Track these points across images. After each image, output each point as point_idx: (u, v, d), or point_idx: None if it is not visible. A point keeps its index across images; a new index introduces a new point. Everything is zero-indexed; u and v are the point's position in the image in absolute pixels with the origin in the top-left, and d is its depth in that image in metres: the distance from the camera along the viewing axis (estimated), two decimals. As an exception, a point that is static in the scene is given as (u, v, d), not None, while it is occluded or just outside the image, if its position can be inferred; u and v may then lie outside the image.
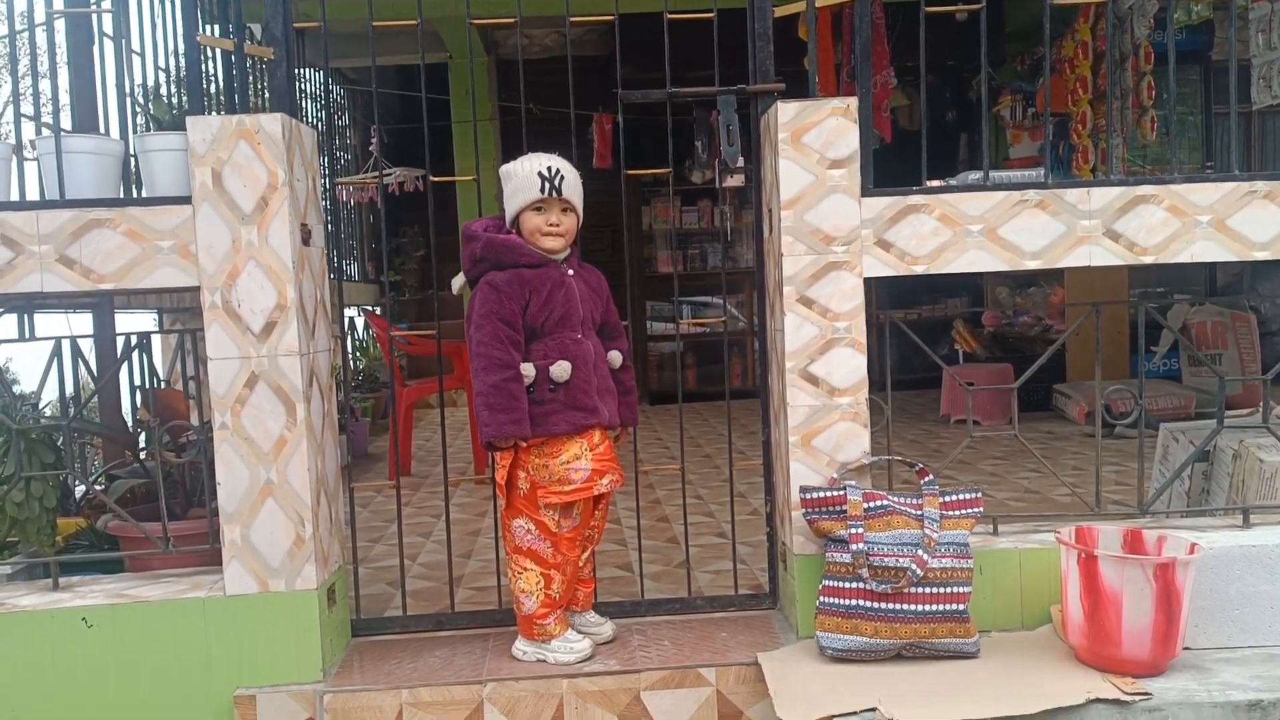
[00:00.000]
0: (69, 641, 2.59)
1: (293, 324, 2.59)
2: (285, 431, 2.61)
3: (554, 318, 2.69)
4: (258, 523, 2.62)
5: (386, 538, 4.23)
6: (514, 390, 2.64)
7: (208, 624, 2.62)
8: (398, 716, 2.60)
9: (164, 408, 3.00)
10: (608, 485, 2.73)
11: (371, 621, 3.02)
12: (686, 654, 2.75)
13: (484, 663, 2.75)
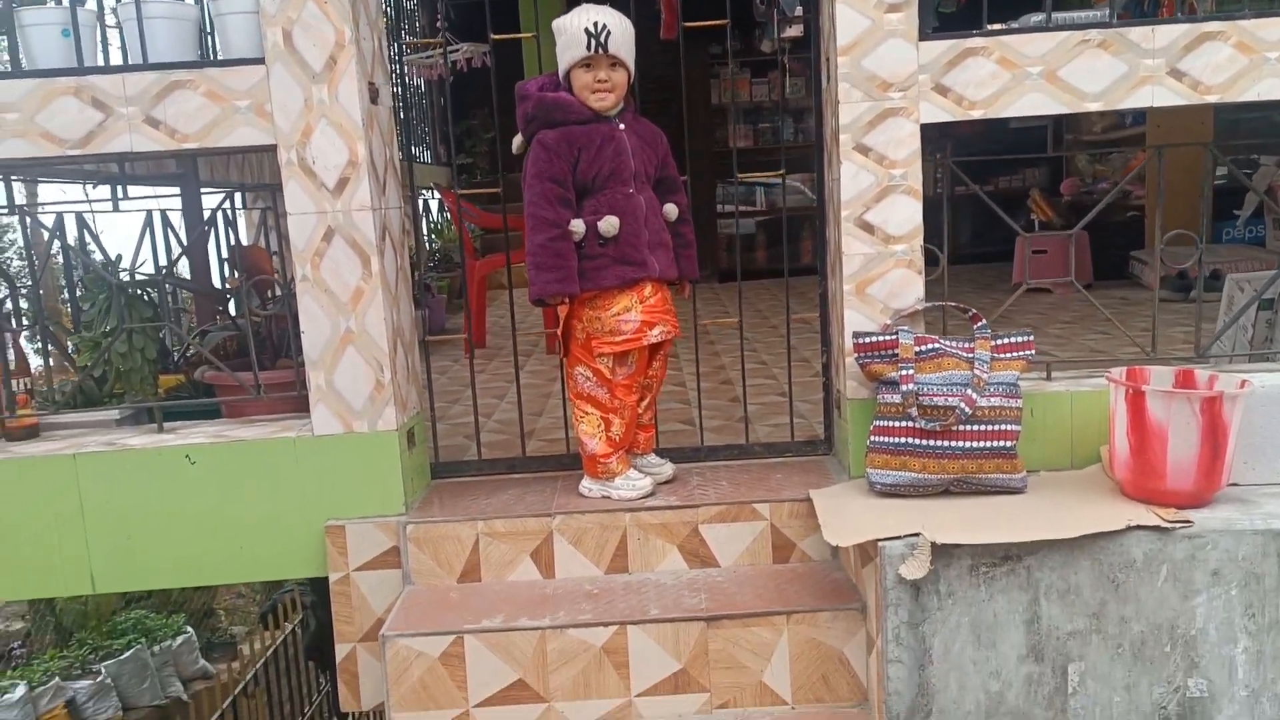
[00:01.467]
0: (175, 477, 2.84)
1: (364, 180, 2.72)
2: (361, 283, 2.77)
3: (604, 173, 2.76)
4: (340, 369, 2.80)
5: (464, 399, 4.42)
6: (561, 249, 2.75)
7: (299, 462, 2.84)
8: (474, 545, 2.81)
9: (250, 264, 3.19)
10: (658, 336, 2.84)
11: (449, 465, 3.23)
12: (742, 492, 2.89)
13: (553, 499, 2.93)
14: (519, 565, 2.82)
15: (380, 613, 2.83)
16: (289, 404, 3.07)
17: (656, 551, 2.83)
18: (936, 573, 2.35)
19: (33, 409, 2.96)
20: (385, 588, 2.84)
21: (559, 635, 2.55)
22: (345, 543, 2.83)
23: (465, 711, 2.56)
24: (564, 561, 2.82)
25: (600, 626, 2.55)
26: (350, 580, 2.85)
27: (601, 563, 2.83)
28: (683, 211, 2.98)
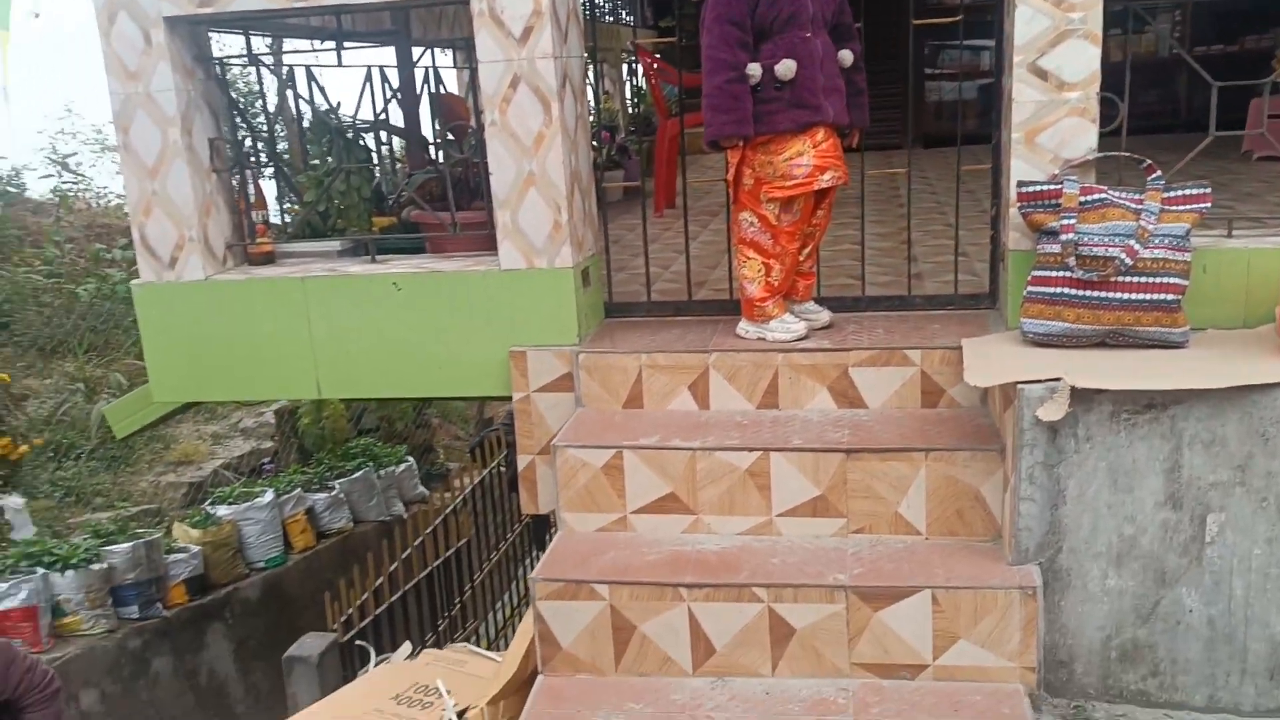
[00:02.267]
0: (384, 301, 3.23)
1: (547, 29, 2.91)
2: (543, 128, 2.99)
3: (782, 17, 2.82)
4: (523, 209, 3.07)
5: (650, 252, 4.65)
6: (737, 91, 2.84)
7: (488, 292, 3.16)
8: (638, 375, 3.06)
9: (448, 110, 3.48)
10: (829, 180, 2.92)
11: (620, 305, 3.47)
12: (896, 339, 2.98)
13: (711, 338, 3.13)
14: (677, 396, 3.05)
15: (554, 430, 3.14)
16: (481, 241, 3.38)
17: (806, 390, 2.98)
18: (1075, 417, 2.39)
19: (269, 239, 3.42)
20: (560, 408, 3.15)
21: (708, 456, 2.78)
22: (526, 367, 3.15)
23: (623, 516, 2.86)
24: (718, 395, 3.03)
25: (745, 451, 2.76)
26: (530, 400, 3.17)
27: (753, 398, 3.01)
28: (857, 59, 3.00)
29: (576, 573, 2.68)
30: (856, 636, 2.53)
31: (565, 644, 2.67)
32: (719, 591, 2.58)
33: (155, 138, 3.15)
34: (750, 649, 2.59)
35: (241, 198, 3.37)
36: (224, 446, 7.08)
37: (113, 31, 3.10)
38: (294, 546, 5.97)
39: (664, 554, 2.74)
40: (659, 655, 2.64)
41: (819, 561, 2.64)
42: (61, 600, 4.64)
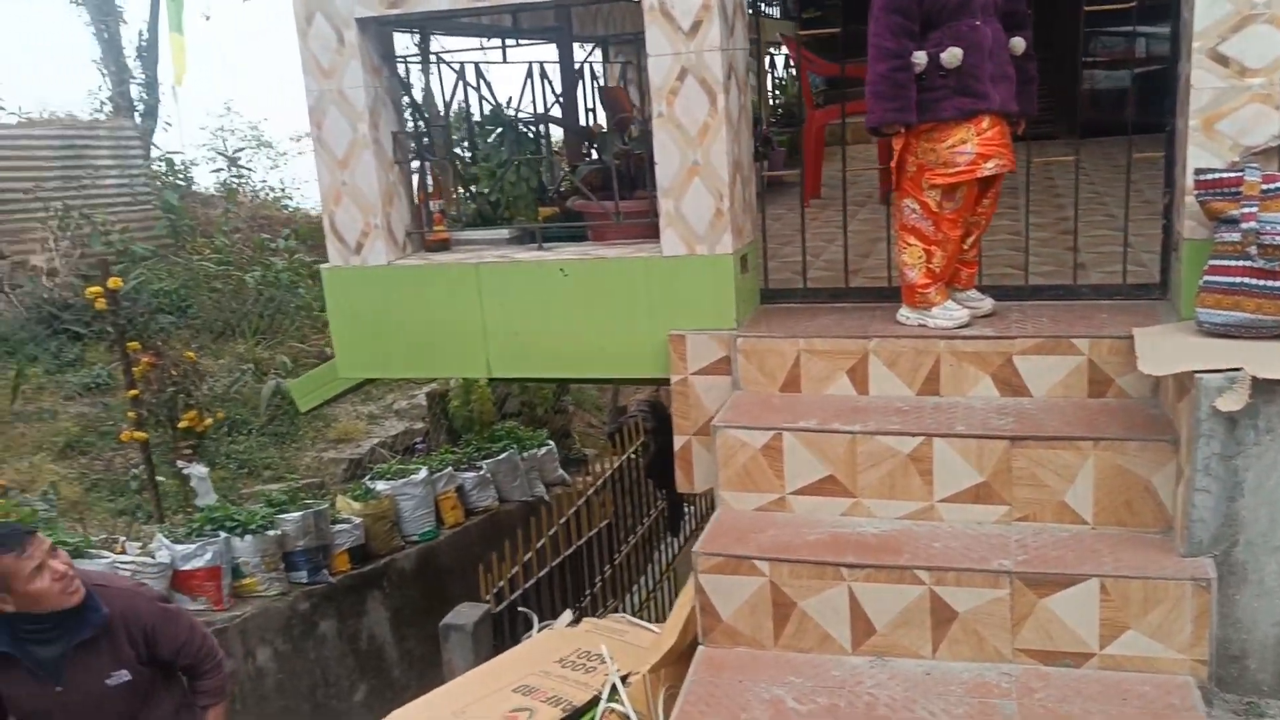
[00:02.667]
0: (551, 285, 3.38)
1: (715, 23, 3.00)
2: (708, 119, 3.09)
3: (951, 5, 2.83)
4: (687, 197, 3.17)
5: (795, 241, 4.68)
6: (900, 79, 2.87)
7: (649, 278, 3.28)
8: (795, 359, 3.12)
9: (612, 103, 3.61)
10: (992, 169, 2.92)
11: (776, 291, 3.55)
12: (1062, 328, 2.96)
13: (871, 324, 3.17)
14: (835, 381, 3.11)
15: (711, 412, 3.24)
16: (642, 229, 3.50)
17: (968, 378, 2.99)
18: (1256, 408, 2.35)
19: (445, 226, 3.62)
20: (716, 391, 3.24)
21: (869, 440, 2.83)
22: (685, 350, 3.26)
23: (781, 497, 2.94)
24: (877, 380, 3.07)
25: (908, 436, 2.80)
26: (688, 382, 3.28)
27: (913, 385, 3.04)
28: (1029, 47, 2.99)
29: (737, 548, 2.77)
30: (1020, 622, 2.54)
31: (725, 617, 2.77)
32: (880, 573, 2.63)
33: (346, 131, 3.39)
34: (910, 630, 2.63)
35: (420, 188, 3.58)
36: (379, 426, 7.47)
37: (310, 32, 3.34)
38: (445, 522, 6.25)
39: (824, 534, 2.80)
40: (818, 632, 2.71)
41: (982, 547, 2.66)
42: (240, 563, 5.00)
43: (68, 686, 2.85)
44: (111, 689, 2.90)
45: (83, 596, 2.80)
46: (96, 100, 11.40)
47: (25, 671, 2.82)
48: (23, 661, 2.81)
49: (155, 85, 11.66)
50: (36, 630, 2.80)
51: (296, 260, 9.24)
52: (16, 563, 2.69)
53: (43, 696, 2.85)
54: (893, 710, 2.48)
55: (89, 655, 2.86)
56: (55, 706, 2.86)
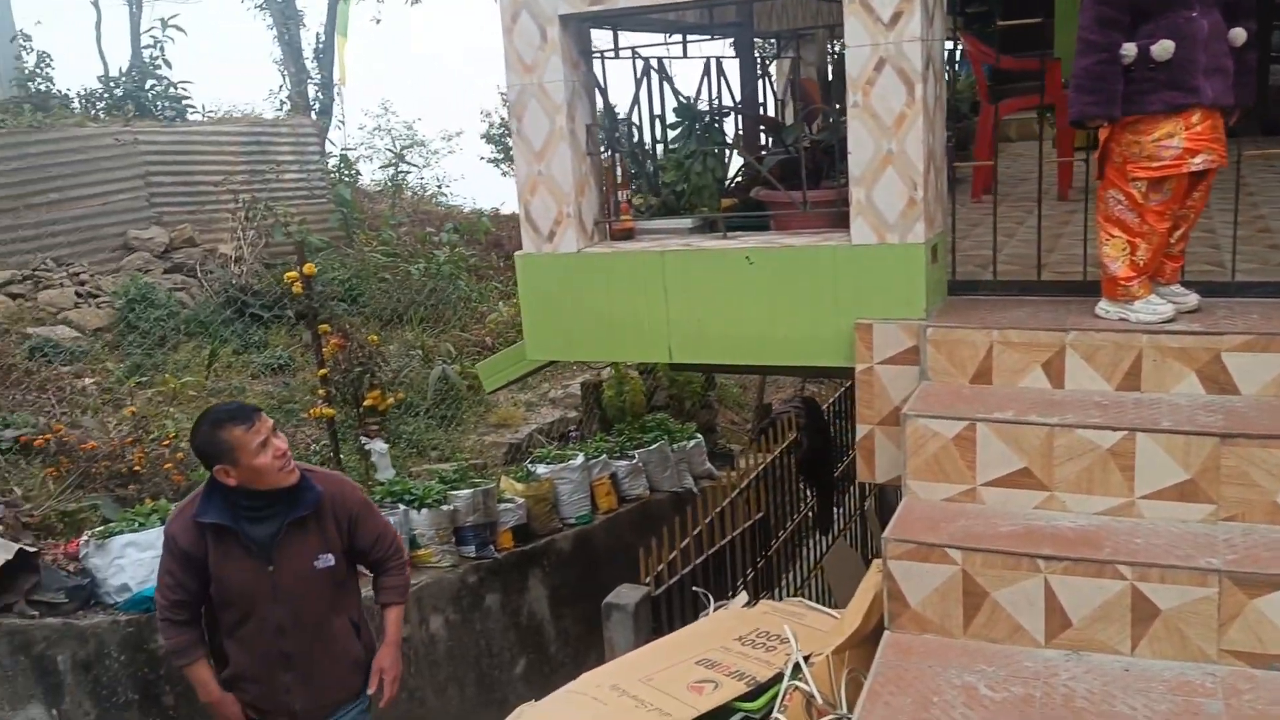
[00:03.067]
0: (737, 273, 3.46)
1: (917, 13, 3.02)
2: (905, 109, 3.11)
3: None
4: (879, 186, 3.20)
5: (971, 235, 4.64)
6: (1104, 73, 2.83)
7: (836, 267, 3.32)
8: (988, 351, 3.11)
9: (804, 95, 3.66)
10: (1200, 164, 2.84)
11: (964, 283, 3.53)
12: (1275, 325, 2.86)
13: (1066, 317, 3.13)
14: (1028, 373, 3.08)
15: (896, 402, 3.26)
16: (826, 219, 3.54)
17: (1171, 374, 2.92)
18: None
19: (631, 216, 3.75)
20: (902, 381, 3.25)
21: (1067, 433, 2.80)
22: (871, 339, 3.28)
23: (972, 488, 2.93)
24: (1074, 374, 3.02)
25: (1109, 430, 2.75)
26: (874, 372, 3.30)
27: (1112, 380, 2.99)
28: (1251, 37, 2.90)
29: (928, 536, 2.79)
30: (1228, 623, 2.48)
31: (914, 603, 2.79)
32: (1079, 566, 2.60)
33: (544, 124, 3.54)
34: (1109, 626, 2.59)
35: (609, 178, 3.72)
36: (535, 413, 7.71)
37: (514, 29, 3.51)
38: (599, 507, 6.42)
39: (1017, 526, 2.79)
40: (1010, 623, 2.69)
41: (1187, 545, 2.60)
42: (416, 534, 5.27)
43: (278, 566, 2.98)
44: (317, 572, 3.03)
45: (299, 477, 2.98)
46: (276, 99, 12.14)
47: (240, 548, 2.95)
48: (240, 536, 2.94)
49: (330, 85, 12.34)
50: (253, 508, 2.95)
51: (457, 253, 9.63)
52: (245, 435, 2.86)
53: (254, 576, 2.97)
54: (1091, 703, 2.45)
55: (300, 536, 2.99)
56: (264, 587, 2.98)
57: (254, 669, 3.06)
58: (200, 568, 2.98)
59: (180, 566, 2.98)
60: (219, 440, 2.89)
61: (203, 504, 2.97)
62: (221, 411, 2.97)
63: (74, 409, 6.43)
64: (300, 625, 3.04)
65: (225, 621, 3.05)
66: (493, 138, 15.25)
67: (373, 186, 12.77)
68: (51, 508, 4.89)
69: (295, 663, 3.06)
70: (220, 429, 2.90)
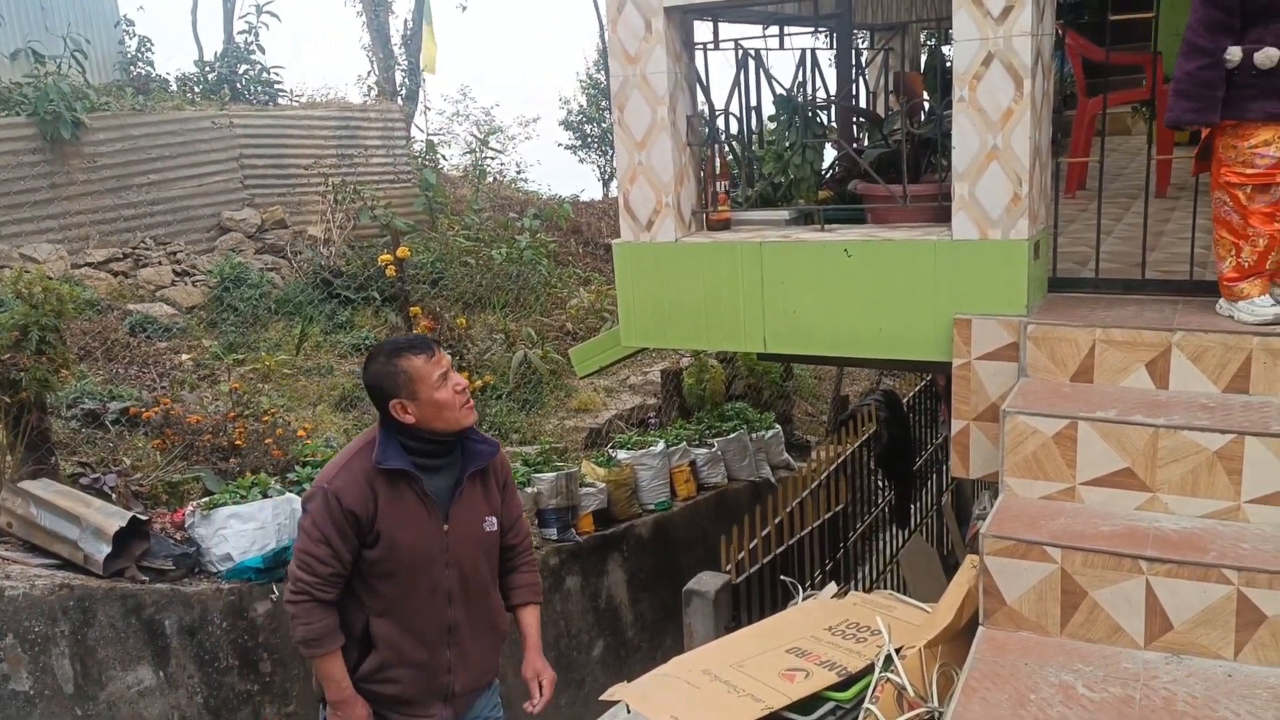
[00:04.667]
0: (835, 265, 3.47)
1: (1028, 7, 2.99)
2: (1012, 104, 3.09)
3: (1271, 2, 2.73)
4: (982, 181, 3.18)
5: (1068, 232, 4.58)
6: (1206, 78, 2.80)
7: (937, 261, 3.31)
8: (1090, 349, 3.08)
9: (908, 89, 3.65)
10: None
11: (1065, 280, 3.50)
12: (1395, 330, 2.79)
13: (1173, 317, 3.09)
14: (1132, 373, 3.05)
15: (994, 398, 3.25)
16: (925, 214, 3.54)
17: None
18: None
19: (729, 207, 3.78)
20: (1001, 377, 3.24)
21: (1172, 435, 2.77)
22: (970, 334, 3.27)
23: (1071, 487, 2.92)
24: (1179, 374, 2.99)
25: (1217, 433, 2.72)
26: (971, 367, 3.30)
27: (1220, 381, 2.94)
28: None
29: (1026, 533, 2.78)
30: (1339, 632, 2.44)
31: (1010, 600, 2.79)
32: (1183, 569, 2.58)
33: (646, 114, 3.59)
34: (1212, 630, 2.57)
35: (708, 169, 3.76)
36: (615, 399, 7.81)
37: (619, 20, 3.56)
38: (678, 494, 6.48)
39: (1119, 526, 2.77)
40: (1108, 624, 2.68)
41: (1297, 551, 2.56)
42: (501, 515, 5.39)
43: (453, 525, 2.69)
44: (486, 536, 2.75)
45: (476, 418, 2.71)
46: (364, 85, 12.39)
47: (418, 502, 2.64)
48: (420, 487, 2.63)
49: (417, 72, 12.56)
50: (430, 455, 2.66)
51: (538, 239, 9.76)
52: (426, 365, 2.59)
53: (429, 535, 2.66)
54: (1193, 707, 2.44)
55: (473, 493, 2.72)
56: (438, 549, 2.67)
57: (414, 649, 2.71)
58: (363, 531, 2.61)
59: (340, 532, 2.58)
60: (398, 370, 2.60)
61: (381, 450, 2.61)
62: (400, 341, 2.69)
63: (174, 384, 6.69)
64: (468, 594, 2.75)
65: (384, 596, 2.68)
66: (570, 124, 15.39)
67: (453, 171, 12.98)
68: (158, 479, 5.11)
69: (459, 636, 2.76)
70: (399, 358, 2.61)
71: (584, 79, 15.11)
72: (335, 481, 2.62)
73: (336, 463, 2.69)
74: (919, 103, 3.83)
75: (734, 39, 3.82)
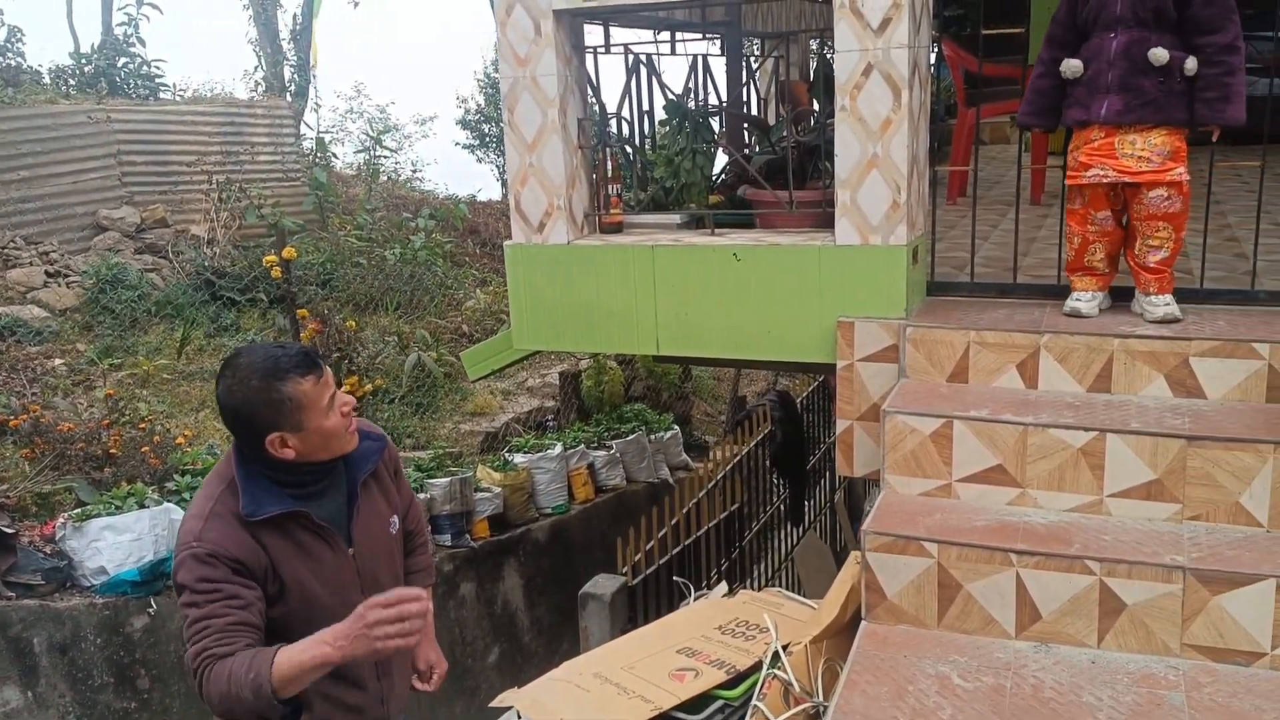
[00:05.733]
0: (724, 268, 3.52)
1: (905, 20, 3.09)
2: (891, 114, 3.18)
3: (1092, 17, 3.01)
4: (864, 189, 3.27)
5: (947, 237, 4.74)
6: (1039, 86, 3.18)
7: (821, 266, 3.39)
8: (965, 350, 3.20)
9: (792, 96, 3.73)
10: (1091, 178, 3.09)
11: (943, 284, 3.62)
12: (1241, 331, 2.98)
13: (1042, 319, 3.23)
14: (1004, 374, 3.17)
15: (875, 398, 3.34)
16: (810, 219, 3.62)
17: (1141, 377, 3.03)
18: None
19: (620, 210, 3.80)
20: (882, 378, 3.34)
21: (1040, 432, 2.89)
22: (853, 337, 3.36)
23: (948, 484, 3.02)
24: (1047, 375, 3.12)
25: (1081, 430, 2.85)
26: (854, 368, 3.39)
27: (1084, 381, 3.09)
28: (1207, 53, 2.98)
29: (905, 529, 2.87)
30: (1191, 618, 2.58)
31: (890, 595, 2.87)
32: (1050, 561, 2.70)
33: (536, 116, 3.58)
34: (1077, 619, 2.69)
35: (600, 172, 3.76)
36: (512, 402, 7.75)
37: (509, 22, 3.54)
38: (576, 497, 6.48)
39: (991, 521, 2.88)
40: (982, 615, 2.79)
41: (1153, 542, 2.70)
42: (393, 522, 5.30)
43: (358, 546, 2.30)
44: (392, 539, 2.40)
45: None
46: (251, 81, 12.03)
47: (312, 536, 2.22)
48: (311, 521, 2.21)
49: (306, 67, 12.24)
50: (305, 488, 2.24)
51: (433, 240, 9.62)
52: (314, 390, 2.13)
53: (337, 565, 2.26)
54: (1059, 694, 2.55)
55: (370, 500, 2.35)
56: (350, 575, 2.28)
57: (348, 693, 2.33)
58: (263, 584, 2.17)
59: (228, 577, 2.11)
60: (282, 399, 2.11)
61: (247, 497, 2.16)
62: (281, 358, 2.14)
63: (45, 390, 6.38)
64: None
65: None
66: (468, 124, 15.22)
67: (347, 170, 12.70)
68: (27, 489, 4.87)
69: (388, 661, 2.40)
70: (282, 382, 2.11)
71: (482, 78, 14.97)
72: (205, 535, 2.13)
73: (195, 516, 2.18)
74: (806, 110, 3.92)
75: (625, 44, 3.84)
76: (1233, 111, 2.97)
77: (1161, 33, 2.95)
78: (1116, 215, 3.17)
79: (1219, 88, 3.03)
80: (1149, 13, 2.93)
